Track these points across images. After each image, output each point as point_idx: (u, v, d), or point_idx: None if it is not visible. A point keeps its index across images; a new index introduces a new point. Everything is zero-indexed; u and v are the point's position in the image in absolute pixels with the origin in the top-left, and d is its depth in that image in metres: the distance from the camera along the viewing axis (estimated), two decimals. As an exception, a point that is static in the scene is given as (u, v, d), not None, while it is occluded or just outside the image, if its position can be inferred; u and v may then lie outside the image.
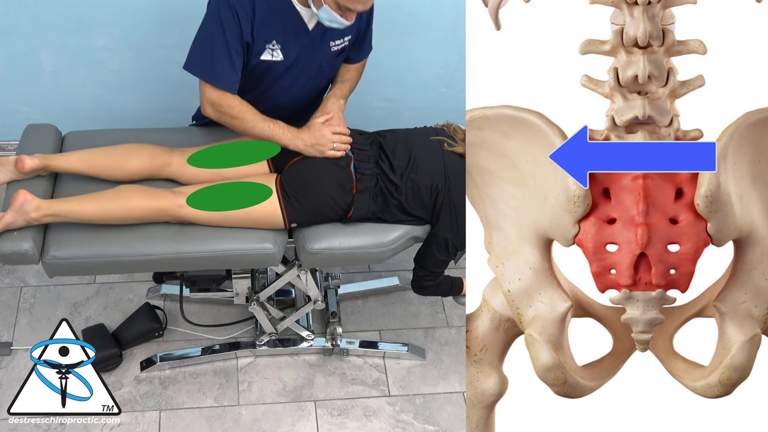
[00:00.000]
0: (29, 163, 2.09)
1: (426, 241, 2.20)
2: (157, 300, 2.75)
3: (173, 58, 2.66)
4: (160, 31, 2.63)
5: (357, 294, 2.85)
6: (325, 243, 2.15)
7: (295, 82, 2.19)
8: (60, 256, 2.03)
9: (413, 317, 2.81)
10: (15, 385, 2.28)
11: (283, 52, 2.09)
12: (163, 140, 2.25)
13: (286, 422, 2.47)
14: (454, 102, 2.98)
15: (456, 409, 2.54)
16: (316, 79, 2.23)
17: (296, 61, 2.13)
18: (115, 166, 2.15)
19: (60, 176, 2.20)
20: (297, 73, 2.16)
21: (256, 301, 2.42)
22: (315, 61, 2.16)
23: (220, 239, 2.10)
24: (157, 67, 2.74)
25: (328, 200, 2.12)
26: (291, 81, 2.18)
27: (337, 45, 2.16)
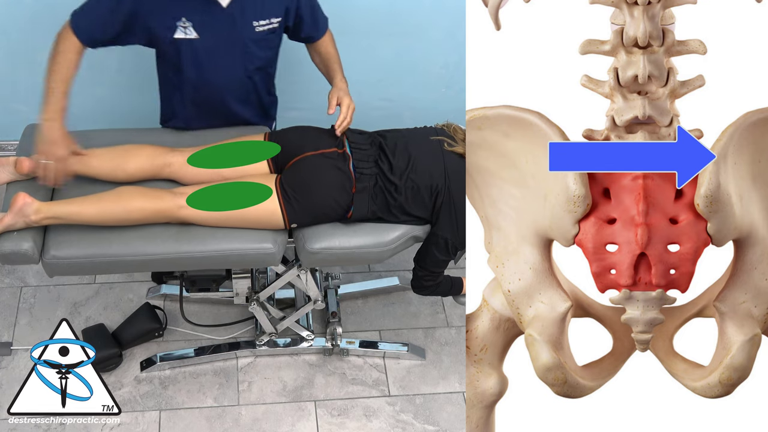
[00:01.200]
0: (28, 165, 2.09)
1: (426, 240, 2.20)
2: (157, 300, 2.75)
3: (173, 58, 2.67)
4: (160, 31, 2.62)
5: (357, 294, 2.85)
6: (325, 243, 2.15)
7: (221, 62, 2.16)
8: (60, 255, 2.03)
9: (413, 317, 2.81)
10: (15, 385, 2.28)
11: (196, 29, 2.07)
12: (163, 140, 2.25)
13: (286, 422, 2.47)
14: (454, 102, 2.98)
15: (456, 409, 2.55)
16: (247, 60, 2.19)
17: (216, 39, 2.11)
18: (114, 167, 2.15)
19: (60, 176, 2.21)
20: (221, 53, 2.14)
21: (256, 301, 2.42)
22: (237, 41, 2.13)
23: (220, 239, 2.10)
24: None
25: (328, 200, 2.12)
26: (216, 60, 2.15)
27: (262, 26, 2.13)
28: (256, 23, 2.12)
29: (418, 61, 2.88)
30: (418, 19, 2.74)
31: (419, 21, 2.74)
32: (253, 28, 2.12)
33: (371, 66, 2.68)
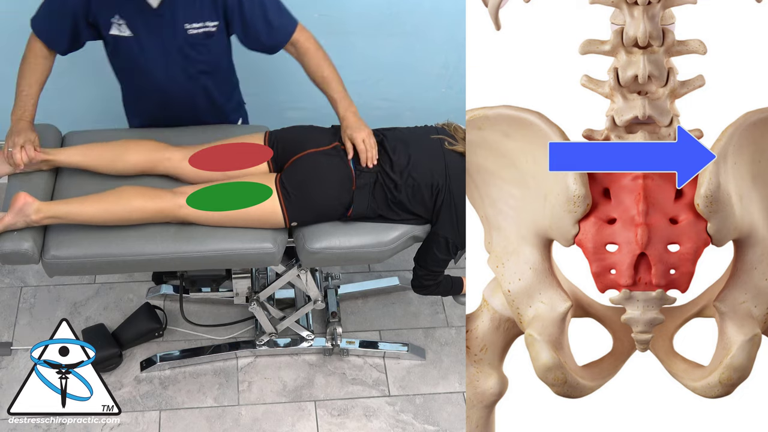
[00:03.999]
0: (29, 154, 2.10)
1: (426, 240, 2.20)
2: (157, 300, 2.75)
3: (173, 58, 2.67)
4: (160, 31, 2.62)
5: (357, 294, 2.85)
6: (324, 242, 2.15)
7: (158, 64, 2.16)
8: (60, 255, 2.03)
9: (413, 317, 2.81)
10: (15, 385, 2.28)
11: (130, 27, 2.09)
12: (163, 140, 2.25)
13: (286, 422, 2.47)
14: (454, 102, 2.98)
15: (456, 409, 2.55)
16: (186, 63, 2.17)
17: (151, 40, 2.12)
18: (114, 158, 2.16)
19: (60, 175, 2.20)
20: (156, 54, 2.14)
21: (256, 301, 2.42)
22: (171, 43, 2.12)
23: (220, 239, 2.10)
24: (157, 67, 2.73)
25: (329, 198, 2.12)
26: (153, 62, 2.16)
27: (196, 29, 2.11)
28: (189, 26, 2.11)
29: (418, 61, 2.88)
30: (418, 19, 2.74)
31: (419, 21, 2.74)
32: (185, 30, 2.11)
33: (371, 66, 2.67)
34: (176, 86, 2.22)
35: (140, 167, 2.17)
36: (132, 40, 2.11)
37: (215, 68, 2.25)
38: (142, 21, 2.09)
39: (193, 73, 2.21)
